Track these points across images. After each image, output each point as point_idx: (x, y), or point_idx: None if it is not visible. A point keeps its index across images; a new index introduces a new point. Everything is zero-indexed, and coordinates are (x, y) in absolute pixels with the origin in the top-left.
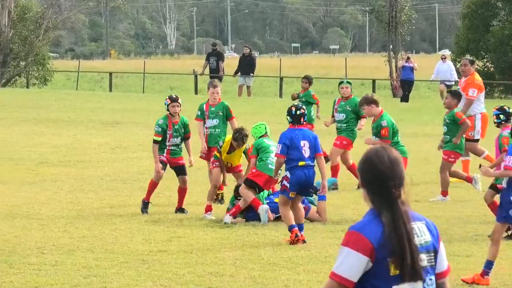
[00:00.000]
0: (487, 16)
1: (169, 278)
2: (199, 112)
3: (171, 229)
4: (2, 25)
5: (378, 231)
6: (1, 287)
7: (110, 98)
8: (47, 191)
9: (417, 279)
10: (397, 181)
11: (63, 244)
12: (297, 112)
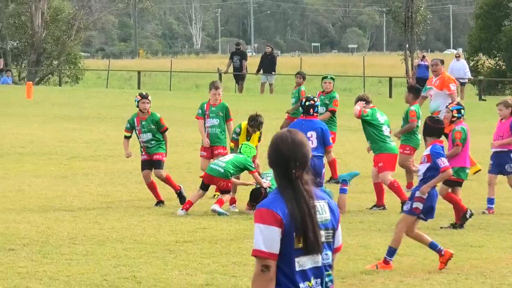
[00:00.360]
0: (499, 16)
1: (194, 267)
2: (199, 110)
3: (196, 220)
4: (36, 26)
5: (284, 207)
6: (35, 276)
7: None
8: (79, 184)
9: (317, 253)
10: (298, 162)
11: (93, 235)
12: (306, 103)
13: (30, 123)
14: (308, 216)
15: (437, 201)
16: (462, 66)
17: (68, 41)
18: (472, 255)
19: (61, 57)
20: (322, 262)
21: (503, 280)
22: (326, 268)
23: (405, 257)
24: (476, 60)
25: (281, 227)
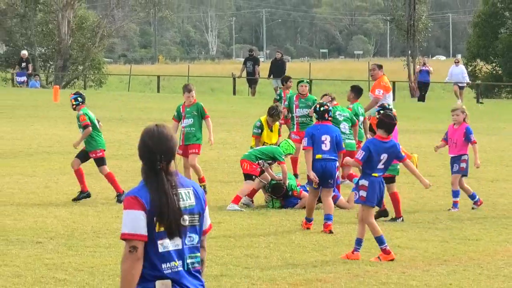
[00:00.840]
0: (496, 25)
1: (210, 259)
2: (176, 113)
3: (212, 215)
4: (62, 34)
5: (148, 195)
6: (61, 267)
7: (158, 99)
8: (102, 181)
9: (178, 236)
10: (164, 155)
11: (115, 228)
12: (321, 108)
13: (56, 124)
14: (169, 204)
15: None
16: (461, 71)
17: (93, 48)
18: (470, 248)
19: (86, 63)
20: (186, 244)
21: (499, 271)
22: (192, 250)
23: (407, 250)
24: (474, 65)
25: (145, 212)
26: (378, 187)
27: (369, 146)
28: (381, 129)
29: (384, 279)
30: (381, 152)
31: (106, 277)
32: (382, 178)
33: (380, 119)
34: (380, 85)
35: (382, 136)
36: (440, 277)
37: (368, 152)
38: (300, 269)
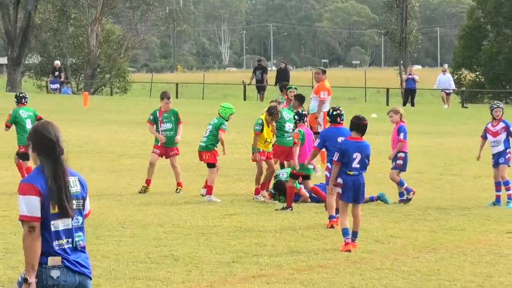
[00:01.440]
0: (479, 37)
1: (222, 247)
2: (151, 116)
3: (224, 208)
4: (91, 45)
5: (43, 181)
6: (90, 254)
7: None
8: (126, 177)
9: (69, 217)
10: (60, 143)
11: (138, 220)
12: (334, 112)
13: (86, 126)
14: (63, 188)
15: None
16: (447, 79)
17: (118, 58)
18: (455, 237)
19: (112, 72)
20: (73, 225)
21: (481, 258)
22: (78, 230)
23: (399, 239)
24: (459, 74)
25: (40, 196)
26: (352, 184)
27: (341, 145)
28: (354, 130)
29: (379, 265)
30: (353, 151)
31: (130, 263)
32: (358, 176)
33: (351, 122)
34: (324, 88)
35: (355, 136)
36: (429, 264)
37: (340, 153)
38: (304, 256)
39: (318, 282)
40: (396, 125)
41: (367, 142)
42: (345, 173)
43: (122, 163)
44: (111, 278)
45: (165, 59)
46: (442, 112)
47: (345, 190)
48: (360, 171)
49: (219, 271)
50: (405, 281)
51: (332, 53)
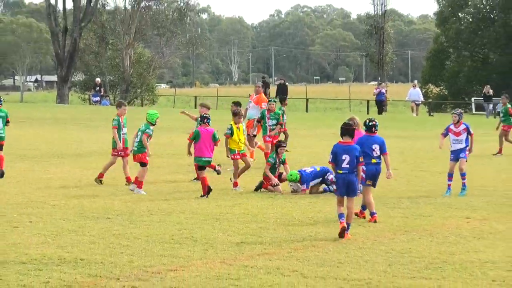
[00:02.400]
0: (443, 58)
1: (233, 231)
2: (116, 122)
3: (234, 198)
4: (126, 66)
5: None
6: (124, 236)
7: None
8: (154, 173)
9: None
10: None
11: (164, 208)
12: (370, 123)
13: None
14: None
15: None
16: (417, 92)
17: (147, 76)
18: (424, 222)
19: (143, 87)
20: None
21: (445, 239)
22: None
23: (378, 224)
24: (427, 88)
25: None
26: (342, 181)
27: (333, 149)
28: (345, 135)
29: (361, 245)
30: (342, 153)
31: (157, 243)
32: (348, 174)
33: (341, 128)
34: (264, 99)
35: (346, 140)
36: (402, 243)
37: (333, 155)
38: (299, 238)
39: (311, 258)
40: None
41: (356, 146)
42: (337, 172)
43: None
44: (142, 256)
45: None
46: (413, 120)
47: (338, 186)
48: (349, 170)
49: (230, 250)
50: (382, 257)
51: (323, 71)
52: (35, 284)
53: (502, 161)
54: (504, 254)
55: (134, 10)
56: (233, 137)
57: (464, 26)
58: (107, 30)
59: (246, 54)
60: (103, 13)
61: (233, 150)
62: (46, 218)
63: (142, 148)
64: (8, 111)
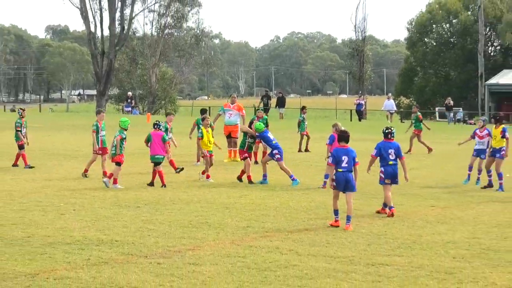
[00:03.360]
0: (412, 75)
1: (240, 217)
2: (95, 127)
3: (241, 190)
4: (152, 82)
5: None
6: (151, 221)
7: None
8: (186, 172)
9: None
10: None
11: (184, 198)
12: (386, 131)
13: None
14: None
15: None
16: (391, 103)
17: (170, 90)
18: (397, 210)
19: (166, 99)
20: None
21: (414, 223)
22: None
23: (359, 211)
24: (399, 99)
25: None
26: (342, 178)
27: (333, 152)
28: (341, 141)
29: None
30: (342, 154)
31: (178, 228)
32: (347, 172)
33: (339, 136)
34: (242, 107)
35: (343, 145)
36: (379, 227)
37: (333, 157)
38: (295, 223)
39: (305, 240)
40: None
41: (352, 148)
42: (337, 170)
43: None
44: (165, 238)
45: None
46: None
47: (337, 183)
48: (348, 169)
49: (237, 232)
50: (363, 239)
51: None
52: (78, 260)
53: (463, 158)
54: (463, 236)
55: (159, 36)
56: (204, 140)
57: (429, 49)
58: (137, 52)
59: (251, 72)
60: (133, 39)
61: (205, 150)
62: (87, 206)
63: (119, 151)
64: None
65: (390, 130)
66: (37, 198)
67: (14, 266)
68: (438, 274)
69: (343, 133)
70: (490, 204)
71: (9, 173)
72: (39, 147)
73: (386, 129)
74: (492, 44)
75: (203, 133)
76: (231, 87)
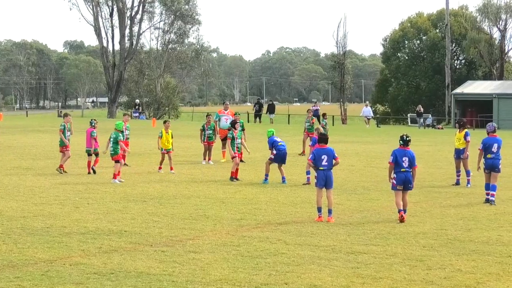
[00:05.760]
0: (387, 86)
1: (235, 210)
2: (62, 127)
3: (236, 187)
4: (158, 91)
5: None
6: (156, 214)
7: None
8: (177, 168)
9: None
10: None
11: (185, 194)
12: (407, 138)
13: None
14: None
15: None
16: (369, 110)
17: (173, 98)
18: (374, 204)
19: (169, 106)
20: None
21: (389, 216)
22: None
23: (340, 205)
24: (376, 107)
25: None
26: (322, 175)
27: (314, 152)
28: (321, 142)
29: (329, 222)
30: (322, 154)
31: (180, 220)
32: (327, 170)
33: (319, 138)
34: (233, 112)
35: (322, 145)
36: (358, 219)
37: (314, 155)
38: (283, 216)
39: (292, 230)
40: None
41: (331, 148)
42: (318, 168)
43: (175, 160)
44: (168, 229)
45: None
46: (365, 130)
47: (318, 180)
48: (328, 167)
49: (232, 224)
50: (343, 230)
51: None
52: (91, 248)
53: (438, 158)
54: (432, 227)
55: (164, 50)
56: (162, 139)
57: (401, 62)
58: (144, 65)
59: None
60: (141, 52)
61: (162, 147)
62: (99, 201)
63: (116, 151)
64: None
65: (410, 138)
66: (55, 193)
67: (34, 253)
68: (410, 261)
69: (322, 136)
70: (456, 199)
71: (31, 171)
72: (58, 147)
73: (406, 137)
74: (458, 58)
75: (162, 134)
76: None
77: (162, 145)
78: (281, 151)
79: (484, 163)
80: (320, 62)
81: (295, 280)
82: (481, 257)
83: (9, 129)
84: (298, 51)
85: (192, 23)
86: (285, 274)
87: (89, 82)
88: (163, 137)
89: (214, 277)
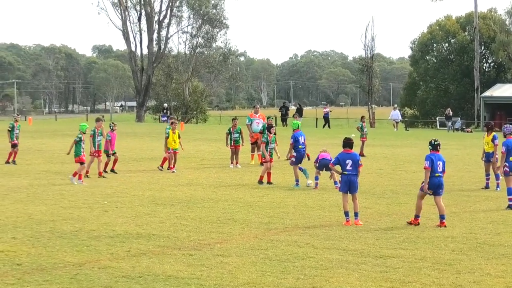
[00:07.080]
0: (415, 89)
1: (262, 214)
2: (92, 132)
3: (264, 191)
4: (185, 95)
5: None
6: (192, 217)
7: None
8: (206, 172)
9: None
10: None
11: (213, 197)
12: (435, 143)
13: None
14: None
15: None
16: (397, 113)
17: (201, 102)
18: (402, 208)
19: (197, 110)
20: None
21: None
22: None
23: (368, 209)
24: (404, 110)
25: None
26: (347, 180)
27: (338, 156)
28: (345, 147)
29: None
30: (346, 159)
31: (208, 223)
32: (351, 175)
33: (344, 142)
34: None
35: (347, 149)
36: (386, 223)
37: (337, 160)
38: (311, 219)
39: (320, 234)
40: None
41: (356, 153)
42: (342, 173)
43: (203, 163)
44: (196, 232)
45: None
46: (394, 133)
47: (342, 184)
48: (352, 172)
49: (260, 228)
50: (372, 234)
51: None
52: (120, 252)
53: (467, 162)
54: (461, 231)
55: (191, 54)
56: (169, 139)
57: (430, 65)
58: (172, 69)
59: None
60: (169, 57)
61: (169, 147)
62: (128, 204)
63: (77, 153)
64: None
65: (438, 142)
66: (84, 197)
67: (63, 257)
68: (439, 265)
69: (347, 140)
70: (485, 202)
71: (60, 175)
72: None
73: (434, 141)
74: (487, 61)
75: (169, 134)
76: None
77: (169, 145)
78: (301, 153)
79: (508, 166)
80: (347, 65)
81: (323, 284)
82: (510, 261)
83: (38, 133)
84: (325, 55)
85: (220, 27)
86: (313, 278)
87: (117, 86)
88: (170, 137)
89: (242, 281)
